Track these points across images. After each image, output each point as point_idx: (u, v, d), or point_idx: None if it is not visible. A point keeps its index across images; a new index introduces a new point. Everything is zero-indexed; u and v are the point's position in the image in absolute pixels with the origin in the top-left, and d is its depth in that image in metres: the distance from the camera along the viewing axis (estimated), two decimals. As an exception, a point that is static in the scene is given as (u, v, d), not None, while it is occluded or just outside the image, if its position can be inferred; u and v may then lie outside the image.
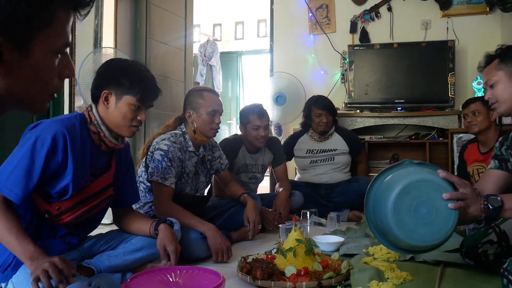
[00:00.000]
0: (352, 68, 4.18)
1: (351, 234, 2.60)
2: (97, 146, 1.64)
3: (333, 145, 3.48)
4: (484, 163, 2.70)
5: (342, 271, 1.73)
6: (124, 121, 1.64)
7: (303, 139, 3.55)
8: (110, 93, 1.63)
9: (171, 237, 1.80)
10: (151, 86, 1.70)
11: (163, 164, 2.15)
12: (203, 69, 7.26)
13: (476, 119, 2.69)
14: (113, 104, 1.63)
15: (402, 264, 1.96)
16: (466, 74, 4.20)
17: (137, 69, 1.69)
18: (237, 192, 2.62)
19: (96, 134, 1.62)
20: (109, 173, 1.71)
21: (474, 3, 4.20)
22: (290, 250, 1.76)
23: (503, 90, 1.66)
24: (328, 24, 4.58)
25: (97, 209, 1.70)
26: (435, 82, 3.99)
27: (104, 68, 1.69)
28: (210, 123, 2.31)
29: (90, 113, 1.63)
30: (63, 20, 0.73)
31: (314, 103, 3.46)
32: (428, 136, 3.95)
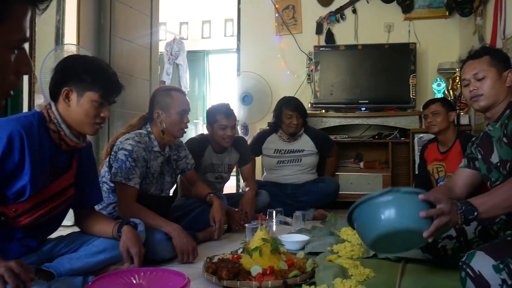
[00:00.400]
0: (318, 69, 4.23)
1: (316, 233, 2.63)
2: (57, 145, 1.59)
3: (300, 146, 3.51)
4: (443, 162, 2.79)
5: (307, 270, 1.75)
6: (87, 118, 1.60)
7: (272, 138, 3.56)
8: (71, 90, 1.58)
9: (135, 239, 1.76)
10: (113, 82, 1.66)
11: (127, 164, 2.11)
12: (170, 68, 7.17)
13: (435, 120, 2.78)
14: (74, 101, 1.58)
15: (365, 261, 2.00)
16: (427, 76, 4.33)
17: (98, 65, 1.66)
18: (203, 192, 2.60)
19: (56, 133, 1.57)
20: (70, 173, 1.66)
21: (435, 7, 4.33)
22: (256, 250, 1.76)
23: (492, 86, 1.71)
24: (294, 25, 4.61)
25: (57, 210, 1.64)
26: (397, 83, 4.09)
27: (64, 65, 1.64)
28: (179, 123, 2.29)
29: (49, 111, 1.58)
30: (20, 14, 0.70)
31: (285, 104, 3.46)
32: (391, 136, 4.04)
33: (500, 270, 1.33)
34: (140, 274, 1.48)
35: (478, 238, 1.77)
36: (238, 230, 2.75)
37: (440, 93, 4.02)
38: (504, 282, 1.32)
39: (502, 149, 1.67)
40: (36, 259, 1.63)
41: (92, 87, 1.59)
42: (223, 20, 7.55)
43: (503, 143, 1.65)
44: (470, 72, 1.77)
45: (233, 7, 5.07)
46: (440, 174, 2.79)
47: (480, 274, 1.35)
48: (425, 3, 4.35)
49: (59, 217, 1.72)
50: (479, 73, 1.73)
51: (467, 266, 1.39)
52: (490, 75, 1.72)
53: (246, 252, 1.80)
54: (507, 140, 1.63)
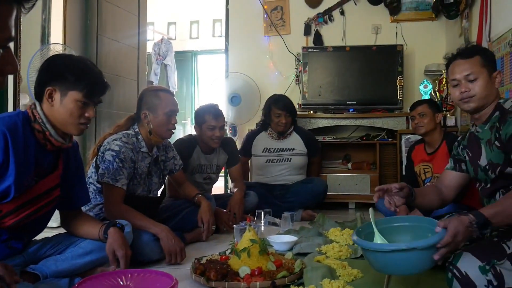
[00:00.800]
0: (306, 70, 4.24)
1: (304, 233, 2.64)
2: (42, 145, 1.56)
3: (291, 145, 3.51)
4: (430, 163, 2.81)
5: (295, 270, 1.75)
6: (71, 118, 1.57)
7: (261, 136, 3.56)
8: (55, 90, 1.56)
9: (121, 241, 1.73)
10: (98, 81, 1.64)
11: (114, 165, 2.09)
12: (157, 68, 7.13)
13: (422, 121, 2.80)
14: (58, 101, 1.56)
15: (353, 261, 2.00)
16: (414, 78, 4.37)
17: (82, 63, 1.63)
18: (191, 193, 2.59)
19: (40, 132, 1.55)
20: (56, 173, 1.64)
21: (421, 9, 4.38)
22: (244, 251, 1.76)
23: (484, 87, 1.68)
24: (282, 26, 4.62)
25: (42, 211, 1.62)
26: (384, 85, 4.12)
27: (48, 64, 1.62)
28: (167, 124, 2.27)
29: (34, 111, 1.55)
30: (5, 13, 0.70)
31: (274, 102, 3.47)
32: (378, 137, 4.07)
33: (486, 271, 1.34)
34: (127, 276, 1.47)
35: None
36: (226, 231, 2.74)
37: (427, 94, 4.06)
38: (490, 283, 1.34)
39: (493, 153, 1.64)
40: (21, 261, 1.61)
41: (76, 86, 1.56)
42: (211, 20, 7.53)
43: (495, 147, 1.63)
44: (461, 72, 1.71)
45: (221, 8, 5.07)
46: (427, 175, 2.82)
47: (467, 275, 1.36)
48: (412, 5, 4.39)
49: (45, 218, 1.70)
50: (471, 74, 1.69)
51: (454, 267, 1.40)
52: (483, 76, 1.68)
53: (235, 253, 1.80)
54: (499, 144, 1.61)
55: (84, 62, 1.65)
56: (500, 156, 1.62)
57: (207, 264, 1.78)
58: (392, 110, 4.07)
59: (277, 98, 3.52)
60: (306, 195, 3.34)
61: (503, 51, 2.74)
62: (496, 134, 1.63)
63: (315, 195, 3.36)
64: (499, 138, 1.61)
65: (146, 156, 2.31)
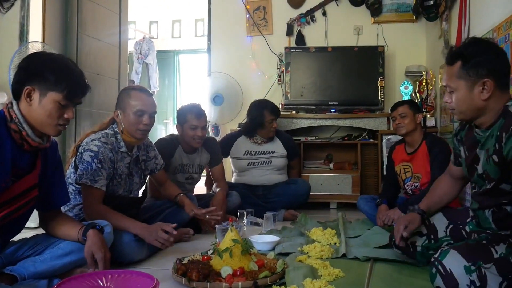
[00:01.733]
0: (289, 70, 4.26)
1: (286, 233, 2.65)
2: (19, 145, 1.53)
3: (271, 148, 3.52)
4: (410, 163, 2.86)
5: (277, 270, 1.76)
6: (50, 119, 1.54)
7: (241, 140, 3.54)
8: (33, 89, 1.51)
9: (100, 243, 1.69)
10: (79, 82, 1.59)
11: (92, 165, 2.06)
12: (139, 67, 7.07)
13: (403, 122, 2.84)
14: (36, 101, 1.52)
15: (335, 261, 2.02)
16: (394, 79, 4.43)
17: (63, 63, 1.59)
18: (173, 193, 2.58)
19: (17, 132, 1.51)
20: (34, 173, 1.60)
21: (402, 11, 4.44)
22: (227, 251, 1.76)
23: (462, 100, 1.54)
24: (265, 26, 4.63)
25: (20, 212, 1.59)
26: (366, 85, 4.16)
27: (27, 62, 1.57)
28: (136, 124, 2.20)
29: (10, 111, 1.51)
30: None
31: (267, 109, 3.44)
32: (360, 138, 4.11)
33: (471, 272, 1.36)
34: (107, 277, 1.45)
35: (449, 237, 1.81)
36: (208, 231, 2.73)
37: (407, 95, 4.12)
38: (472, 283, 1.35)
39: (489, 166, 1.52)
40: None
41: (56, 87, 1.52)
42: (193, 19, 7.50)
43: (492, 160, 1.49)
44: (444, 81, 1.62)
45: (203, 7, 5.05)
46: (407, 174, 2.86)
47: (451, 273, 1.38)
48: (393, 7, 4.45)
49: (22, 219, 1.67)
50: (448, 87, 1.58)
51: (439, 263, 1.43)
52: (459, 88, 1.54)
53: (217, 253, 1.79)
54: (498, 160, 1.47)
55: (65, 61, 1.61)
56: (496, 171, 1.50)
57: (188, 264, 1.77)
58: (373, 111, 4.11)
59: (268, 105, 3.49)
60: (289, 196, 3.35)
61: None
62: (496, 145, 1.47)
63: (298, 196, 3.38)
64: (499, 152, 1.46)
65: (126, 156, 2.28)
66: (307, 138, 4.11)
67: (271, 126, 3.43)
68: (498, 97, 1.50)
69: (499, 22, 2.54)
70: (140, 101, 2.21)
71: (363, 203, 3.03)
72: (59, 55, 1.68)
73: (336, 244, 2.34)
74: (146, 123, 2.21)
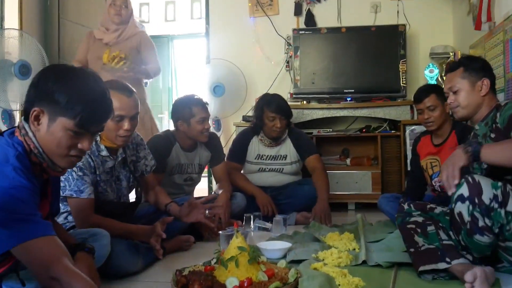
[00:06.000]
0: (298, 55, 4.25)
1: (298, 239, 2.65)
2: (37, 175, 1.44)
3: (283, 151, 3.47)
4: (437, 156, 2.84)
5: (289, 280, 1.76)
6: (59, 149, 1.40)
7: (253, 142, 3.49)
8: (42, 112, 1.38)
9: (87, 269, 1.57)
10: (97, 105, 1.42)
11: (73, 175, 2.07)
12: (129, 56, 7.09)
13: (433, 115, 2.78)
14: (45, 126, 1.38)
15: (354, 269, 2.02)
16: (418, 61, 4.41)
17: (80, 80, 1.42)
18: (163, 201, 2.55)
19: (37, 165, 1.42)
20: (45, 202, 1.54)
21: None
22: (232, 260, 1.76)
23: (466, 97, 2.05)
24: (270, 5, 4.62)
25: None
26: (386, 70, 4.15)
27: (38, 77, 1.43)
28: (115, 130, 2.13)
29: (27, 139, 1.40)
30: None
31: (267, 104, 3.36)
32: (380, 129, 4.11)
33: (497, 187, 1.68)
34: None
35: None
36: (211, 238, 2.74)
37: (433, 80, 4.10)
38: (495, 197, 1.67)
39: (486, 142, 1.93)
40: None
41: (66, 112, 1.37)
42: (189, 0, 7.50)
43: (489, 138, 1.93)
44: (446, 85, 2.13)
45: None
46: (435, 169, 2.84)
47: (479, 182, 1.69)
48: (415, -20, 4.43)
49: None
50: (453, 87, 2.08)
51: (470, 175, 1.73)
52: (463, 87, 2.05)
53: (221, 262, 1.80)
54: (494, 135, 1.91)
55: (85, 79, 1.44)
56: None
57: (189, 275, 1.77)
58: (394, 99, 4.10)
59: (269, 99, 3.41)
60: (302, 198, 3.33)
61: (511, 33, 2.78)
62: (493, 125, 1.94)
63: (311, 197, 3.29)
64: (495, 128, 1.91)
65: (108, 159, 2.26)
66: (320, 131, 4.11)
67: (273, 124, 3.32)
68: (491, 97, 2.06)
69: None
70: (118, 104, 2.05)
71: (384, 203, 3.03)
72: (81, 69, 1.50)
73: (355, 249, 2.34)
74: (126, 128, 2.14)
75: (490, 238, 1.70)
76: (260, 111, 3.40)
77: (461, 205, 1.72)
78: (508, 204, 1.65)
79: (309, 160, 3.43)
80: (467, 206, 1.70)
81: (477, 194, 1.67)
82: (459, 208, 1.74)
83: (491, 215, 1.67)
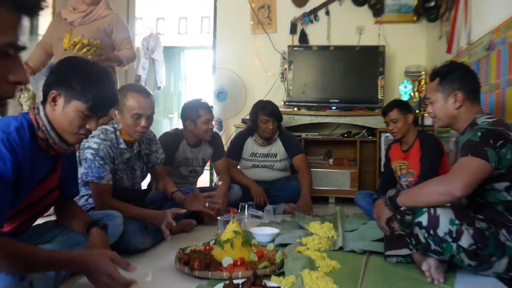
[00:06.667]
0: (291, 68, 4.26)
1: (285, 226, 2.66)
2: (45, 151, 1.47)
3: (274, 150, 3.49)
4: (405, 161, 2.87)
5: (276, 261, 1.77)
6: (71, 127, 1.45)
7: (248, 142, 3.51)
8: (59, 94, 1.43)
9: (101, 244, 1.62)
10: (106, 95, 1.49)
11: (95, 163, 2.07)
12: (146, 63, 7.06)
13: (396, 127, 2.84)
14: (60, 107, 1.43)
15: (332, 253, 2.04)
16: (394, 78, 4.42)
17: (94, 73, 1.47)
18: (170, 190, 2.54)
19: (44, 140, 1.44)
20: (54, 175, 1.57)
21: (403, 12, 4.43)
22: (228, 242, 1.77)
23: (440, 109, 1.88)
24: (269, 24, 4.63)
25: (40, 215, 1.58)
26: (366, 84, 4.17)
27: (58, 66, 1.50)
28: (133, 126, 2.15)
29: (37, 117, 1.43)
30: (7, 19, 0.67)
31: (261, 109, 3.38)
32: (359, 135, 4.12)
33: (454, 224, 1.59)
34: None
35: None
36: (210, 222, 2.75)
37: (407, 94, 4.12)
38: (450, 232, 1.59)
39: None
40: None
41: (81, 96, 1.43)
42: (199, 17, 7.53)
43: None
44: (427, 95, 1.97)
45: (209, 5, 5.04)
46: (403, 171, 2.87)
47: (438, 216, 1.61)
48: (395, 7, 4.44)
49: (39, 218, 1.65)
50: (429, 99, 1.93)
51: (433, 208, 1.64)
52: (437, 99, 1.88)
53: (218, 244, 1.81)
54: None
55: (97, 71, 1.50)
56: None
57: (191, 254, 1.79)
58: (372, 109, 4.11)
59: (264, 105, 3.42)
60: (290, 192, 3.34)
61: (479, 55, 2.80)
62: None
63: (298, 192, 3.31)
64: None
65: (125, 152, 2.26)
66: (308, 134, 4.12)
67: (265, 126, 3.35)
68: (469, 107, 1.83)
69: (497, 24, 2.54)
70: (137, 104, 2.13)
71: (360, 198, 3.05)
72: (94, 63, 1.56)
73: (334, 237, 2.36)
74: (143, 125, 2.16)
75: (442, 257, 1.66)
76: (255, 115, 3.41)
77: (419, 230, 1.67)
78: (460, 240, 1.58)
79: (296, 159, 3.44)
80: (423, 233, 1.65)
81: (433, 227, 1.61)
82: (416, 231, 1.68)
83: (443, 246, 1.61)
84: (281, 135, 3.52)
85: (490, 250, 1.60)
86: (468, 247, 1.58)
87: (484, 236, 1.61)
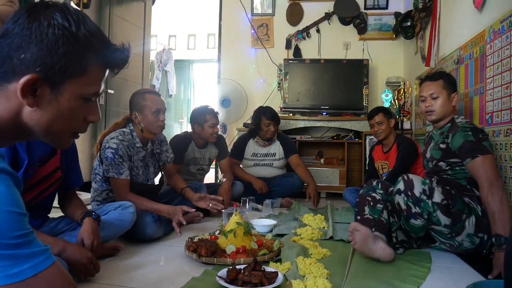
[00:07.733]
0: (287, 78, 4.25)
1: (282, 218, 2.65)
2: None
3: (273, 150, 3.48)
4: (386, 161, 2.86)
5: (274, 249, 1.76)
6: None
7: (250, 143, 3.49)
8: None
9: (91, 231, 1.56)
10: None
11: (115, 161, 2.07)
12: (159, 74, 7.06)
13: (381, 128, 2.84)
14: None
15: (323, 242, 2.02)
16: (377, 87, 4.41)
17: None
18: (180, 186, 2.53)
19: None
20: (56, 157, 1.57)
21: (384, 30, 4.42)
22: (231, 232, 1.76)
23: (442, 105, 1.95)
24: (267, 40, 4.62)
25: (47, 192, 1.57)
26: (352, 93, 4.15)
27: None
28: (155, 122, 2.19)
29: None
30: (96, 73, 0.72)
31: (264, 113, 3.37)
32: (347, 137, 4.10)
33: (425, 184, 1.69)
34: None
35: None
36: (216, 215, 2.73)
37: (388, 102, 4.11)
38: (424, 191, 1.68)
39: (434, 150, 1.96)
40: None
41: None
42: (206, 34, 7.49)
43: (437, 147, 1.93)
44: (428, 91, 1.97)
45: (215, 23, 5.03)
46: (384, 170, 2.86)
47: (411, 179, 1.71)
48: (376, 26, 4.43)
49: (50, 197, 1.63)
50: (434, 94, 1.95)
51: (406, 175, 1.74)
52: (442, 96, 1.94)
53: (223, 233, 1.80)
54: (444, 147, 1.89)
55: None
56: (438, 153, 1.93)
57: (198, 242, 1.77)
58: (358, 115, 4.10)
59: (265, 110, 3.41)
60: (286, 187, 3.35)
61: (450, 68, 2.79)
62: (445, 139, 1.90)
63: (294, 188, 3.37)
64: (445, 143, 1.89)
65: (141, 150, 2.27)
66: (302, 137, 4.11)
67: (268, 129, 3.34)
68: (453, 109, 1.99)
69: (465, 41, 2.53)
70: (155, 101, 2.20)
71: (348, 194, 3.04)
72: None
73: (325, 228, 2.35)
74: (163, 119, 2.22)
75: (422, 221, 1.70)
76: (258, 118, 3.40)
77: (399, 197, 1.73)
78: (433, 197, 1.66)
79: (292, 158, 3.44)
80: (403, 198, 1.71)
81: (410, 188, 1.68)
82: (397, 199, 1.74)
83: (421, 205, 1.67)
84: (279, 137, 3.51)
85: (459, 206, 1.69)
86: (441, 201, 1.66)
87: (451, 194, 1.72)
